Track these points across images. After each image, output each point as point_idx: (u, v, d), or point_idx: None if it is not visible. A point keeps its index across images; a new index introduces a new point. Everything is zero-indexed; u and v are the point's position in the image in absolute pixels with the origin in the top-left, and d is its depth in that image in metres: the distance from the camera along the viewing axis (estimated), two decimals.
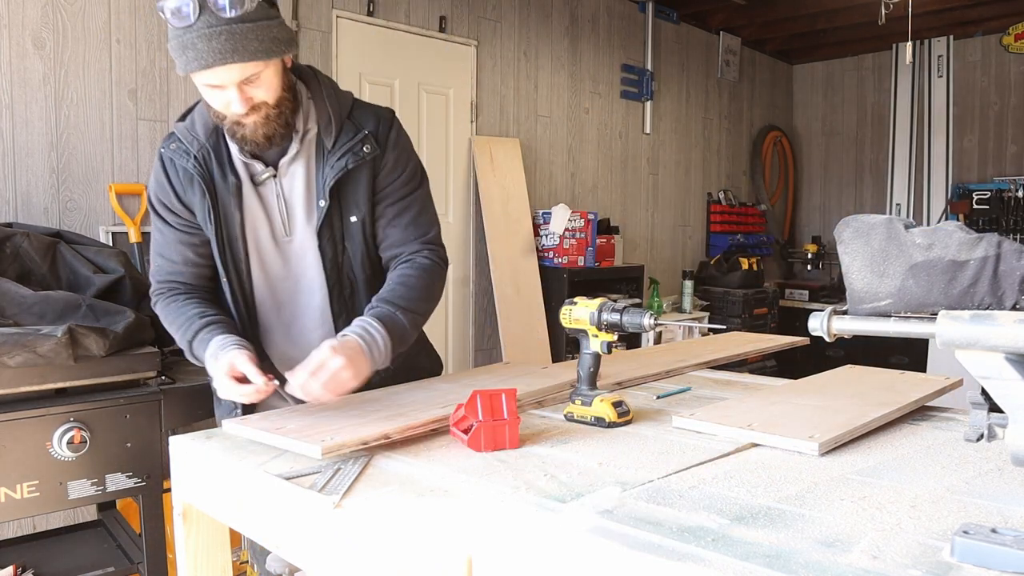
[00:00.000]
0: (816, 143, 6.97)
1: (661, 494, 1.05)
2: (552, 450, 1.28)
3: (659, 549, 0.86)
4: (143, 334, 2.14)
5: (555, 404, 1.62)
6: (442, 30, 4.06)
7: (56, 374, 1.92)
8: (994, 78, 5.92)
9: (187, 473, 1.40)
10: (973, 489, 1.05)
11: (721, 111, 6.18)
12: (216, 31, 1.28)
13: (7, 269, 2.14)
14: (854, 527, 0.91)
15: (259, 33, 1.32)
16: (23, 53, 2.67)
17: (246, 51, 1.31)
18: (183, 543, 1.43)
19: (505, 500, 1.05)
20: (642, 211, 5.49)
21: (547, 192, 4.76)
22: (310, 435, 1.26)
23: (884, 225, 1.02)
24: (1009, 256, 0.95)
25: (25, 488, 1.85)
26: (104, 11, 2.84)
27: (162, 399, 2.06)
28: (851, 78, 6.73)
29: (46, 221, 2.71)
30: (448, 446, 1.32)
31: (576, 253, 4.45)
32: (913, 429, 1.38)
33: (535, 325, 4.33)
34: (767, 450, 1.25)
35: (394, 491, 1.11)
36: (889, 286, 1.01)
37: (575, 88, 4.90)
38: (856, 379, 1.72)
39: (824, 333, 1.06)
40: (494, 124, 4.43)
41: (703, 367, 2.02)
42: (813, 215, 7.01)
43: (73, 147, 2.79)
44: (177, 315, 1.55)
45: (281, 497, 1.17)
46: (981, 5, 5.47)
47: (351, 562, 1.07)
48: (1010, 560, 0.78)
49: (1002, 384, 0.91)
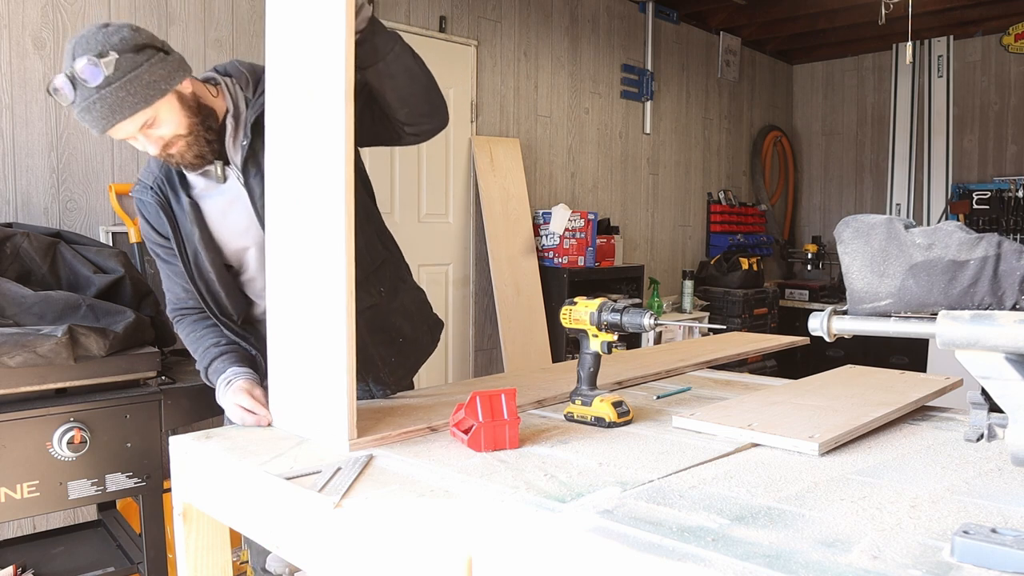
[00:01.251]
0: (816, 143, 6.97)
1: (661, 494, 1.05)
2: (552, 450, 1.28)
3: (659, 549, 0.86)
4: (143, 334, 2.14)
5: (555, 404, 1.62)
6: (442, 30, 4.06)
7: (56, 374, 1.92)
8: (994, 78, 5.92)
9: (187, 473, 1.40)
10: (973, 489, 1.05)
11: (721, 111, 6.18)
12: (92, 101, 1.39)
13: (7, 269, 2.14)
14: (854, 527, 0.91)
15: (130, 87, 1.41)
16: (23, 53, 2.67)
17: (125, 107, 1.41)
18: (183, 543, 1.43)
19: (505, 500, 1.05)
20: (642, 211, 5.49)
21: (547, 192, 4.76)
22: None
23: (884, 225, 1.02)
24: (1009, 256, 0.95)
25: (25, 488, 1.85)
26: (104, 11, 2.84)
27: (162, 399, 2.06)
28: (851, 78, 6.73)
29: (46, 221, 2.70)
30: (448, 446, 1.32)
31: (576, 253, 4.45)
32: (913, 429, 1.38)
33: (535, 325, 4.33)
34: (767, 450, 1.25)
35: (394, 491, 1.11)
36: (889, 286, 1.01)
37: (575, 88, 4.90)
38: (856, 379, 1.72)
39: (824, 333, 1.06)
40: (494, 124, 4.43)
41: (703, 367, 2.02)
42: (813, 215, 7.01)
43: (73, 147, 2.79)
44: (194, 344, 1.72)
45: (281, 497, 1.17)
46: (981, 5, 5.47)
47: (351, 562, 1.07)
48: (1010, 560, 0.78)
49: (1002, 384, 0.91)
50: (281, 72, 1.45)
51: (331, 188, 1.30)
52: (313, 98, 1.34)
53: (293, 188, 1.43)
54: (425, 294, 1.95)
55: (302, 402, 1.43)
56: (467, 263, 4.36)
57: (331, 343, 1.35)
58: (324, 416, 1.36)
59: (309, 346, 1.42)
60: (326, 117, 1.31)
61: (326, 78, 1.30)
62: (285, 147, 1.44)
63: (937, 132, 6.09)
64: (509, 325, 4.24)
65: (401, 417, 1.48)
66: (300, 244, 1.42)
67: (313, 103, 1.34)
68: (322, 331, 1.37)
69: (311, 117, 1.35)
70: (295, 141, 1.41)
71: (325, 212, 1.33)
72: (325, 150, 1.31)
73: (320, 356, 1.39)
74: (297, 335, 1.44)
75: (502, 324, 4.22)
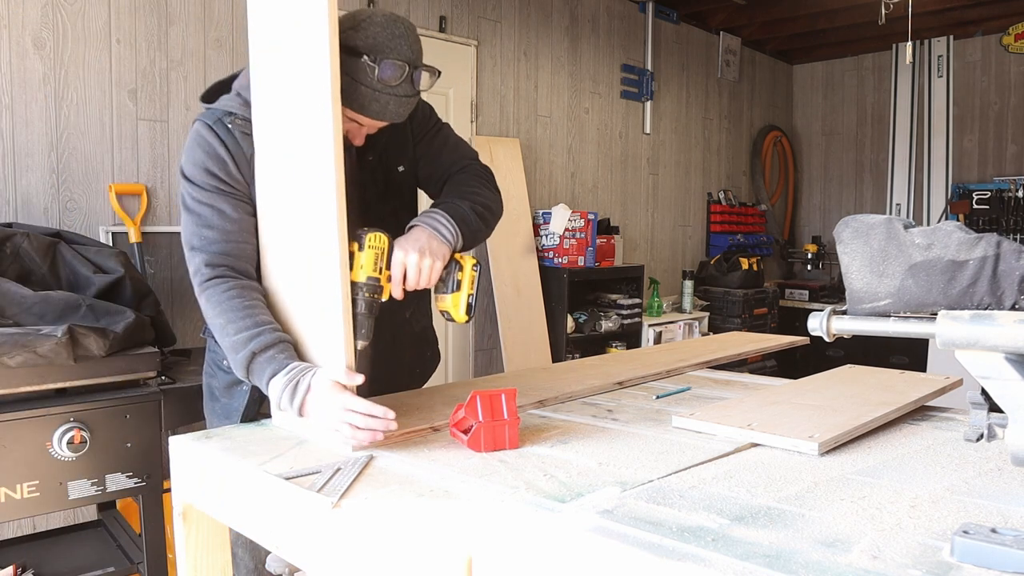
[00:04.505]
0: (816, 143, 6.97)
1: (661, 494, 1.05)
2: (552, 450, 1.28)
3: (659, 549, 0.86)
4: (143, 334, 2.14)
5: (555, 404, 1.62)
6: (442, 30, 4.06)
7: (56, 374, 1.92)
8: (994, 78, 5.92)
9: (187, 473, 1.40)
10: (973, 489, 1.05)
11: (721, 111, 6.17)
12: (404, 99, 1.46)
13: (7, 269, 2.14)
14: (854, 527, 0.91)
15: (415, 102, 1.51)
16: (23, 53, 2.67)
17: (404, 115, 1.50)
18: (183, 543, 1.43)
19: (505, 500, 1.05)
20: (642, 211, 5.49)
21: (547, 192, 4.76)
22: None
23: (883, 225, 1.02)
24: (1008, 256, 0.95)
25: (25, 488, 1.85)
26: (104, 11, 2.84)
27: (162, 399, 2.06)
28: (851, 78, 6.73)
29: (46, 221, 2.70)
30: (448, 446, 1.32)
31: (576, 253, 4.45)
32: (913, 429, 1.38)
33: (535, 325, 4.33)
34: (767, 450, 1.25)
35: (394, 491, 1.11)
36: (888, 286, 1.01)
37: (575, 88, 4.90)
38: (856, 379, 1.72)
39: (823, 333, 1.06)
40: (494, 124, 4.42)
41: (703, 367, 2.03)
42: (813, 215, 7.00)
43: (73, 147, 2.78)
44: (230, 316, 1.40)
45: (280, 497, 1.17)
46: (981, 5, 5.47)
47: (351, 562, 1.07)
48: (1010, 560, 0.78)
49: (1002, 384, 0.91)
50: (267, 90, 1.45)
51: (324, 195, 1.30)
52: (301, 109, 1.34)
53: (287, 191, 1.43)
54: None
55: None
56: None
57: (331, 343, 1.35)
58: None
59: (310, 346, 1.42)
60: (316, 117, 1.31)
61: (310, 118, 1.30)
62: (276, 142, 1.45)
63: (937, 132, 6.09)
64: (509, 325, 4.24)
65: (402, 417, 1.47)
66: (298, 244, 1.42)
67: (302, 113, 1.34)
68: (322, 332, 1.37)
69: (304, 118, 1.36)
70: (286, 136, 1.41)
71: (321, 211, 1.33)
72: (314, 151, 1.32)
73: (320, 357, 1.39)
74: (298, 335, 1.44)
75: (502, 324, 4.22)
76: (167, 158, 2.99)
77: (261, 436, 1.43)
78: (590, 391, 1.71)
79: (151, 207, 2.94)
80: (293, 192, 1.42)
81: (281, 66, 1.42)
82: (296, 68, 1.37)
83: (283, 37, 1.41)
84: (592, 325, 4.50)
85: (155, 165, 2.97)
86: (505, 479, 1.13)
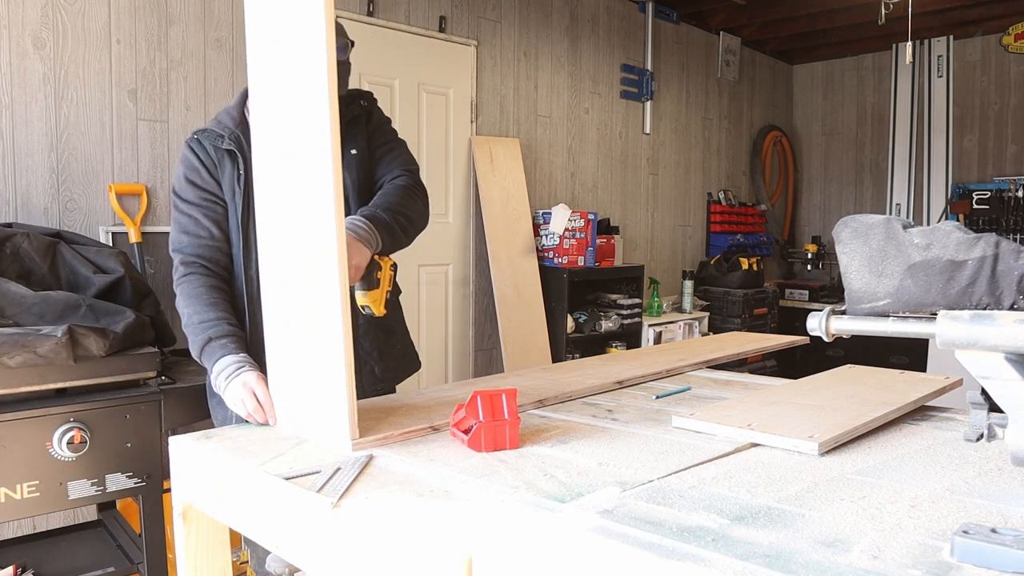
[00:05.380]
0: (816, 143, 6.97)
1: (661, 494, 1.05)
2: (552, 450, 1.28)
3: (659, 549, 0.86)
4: (143, 334, 2.14)
5: (555, 404, 1.62)
6: (442, 30, 4.06)
7: (56, 374, 1.92)
8: (994, 78, 5.92)
9: (187, 473, 1.40)
10: (973, 489, 1.05)
11: (721, 111, 6.17)
12: None
13: (7, 269, 2.14)
14: (854, 527, 0.91)
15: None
16: (23, 53, 2.67)
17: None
18: (183, 543, 1.43)
19: (505, 500, 1.05)
20: (642, 211, 5.49)
21: (547, 192, 4.76)
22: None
23: (882, 225, 1.02)
24: (1007, 256, 0.95)
25: (25, 488, 1.85)
26: (104, 11, 2.84)
27: (162, 399, 2.06)
28: (851, 78, 6.73)
29: (46, 221, 2.70)
30: (448, 446, 1.32)
31: (576, 253, 4.45)
32: (913, 429, 1.38)
33: (535, 325, 4.33)
34: (767, 450, 1.25)
35: (394, 491, 1.11)
36: (887, 286, 1.01)
37: (575, 88, 4.90)
38: (856, 379, 1.72)
39: (823, 333, 1.06)
40: (494, 124, 4.42)
41: (703, 367, 2.03)
42: (813, 215, 7.00)
43: (73, 147, 2.78)
44: (194, 307, 1.69)
45: (280, 497, 1.17)
46: (981, 5, 5.47)
47: (351, 562, 1.07)
48: (1010, 560, 0.78)
49: (1002, 384, 0.91)
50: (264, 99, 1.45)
51: (321, 187, 1.30)
52: (300, 111, 1.34)
53: (285, 186, 1.43)
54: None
55: (302, 402, 1.43)
56: (467, 263, 4.36)
57: (329, 343, 1.35)
58: (325, 416, 1.36)
59: (308, 347, 1.42)
60: (315, 124, 1.31)
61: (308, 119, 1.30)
62: (274, 143, 1.44)
63: (937, 132, 6.09)
64: (509, 325, 4.24)
65: (403, 417, 1.48)
66: (295, 244, 1.42)
67: (300, 115, 1.34)
68: (321, 331, 1.37)
69: (300, 122, 1.36)
70: (284, 137, 1.41)
71: (318, 211, 1.33)
72: (313, 153, 1.32)
73: (319, 356, 1.39)
74: (296, 336, 1.44)
75: (502, 324, 4.22)
76: (167, 158, 2.99)
77: (261, 436, 1.43)
78: (590, 391, 1.71)
79: (151, 207, 2.94)
80: (292, 192, 1.42)
81: (280, 66, 1.42)
82: (295, 68, 1.37)
83: (282, 37, 1.41)
84: (592, 325, 4.50)
85: (155, 165, 2.97)
86: (505, 479, 1.13)
